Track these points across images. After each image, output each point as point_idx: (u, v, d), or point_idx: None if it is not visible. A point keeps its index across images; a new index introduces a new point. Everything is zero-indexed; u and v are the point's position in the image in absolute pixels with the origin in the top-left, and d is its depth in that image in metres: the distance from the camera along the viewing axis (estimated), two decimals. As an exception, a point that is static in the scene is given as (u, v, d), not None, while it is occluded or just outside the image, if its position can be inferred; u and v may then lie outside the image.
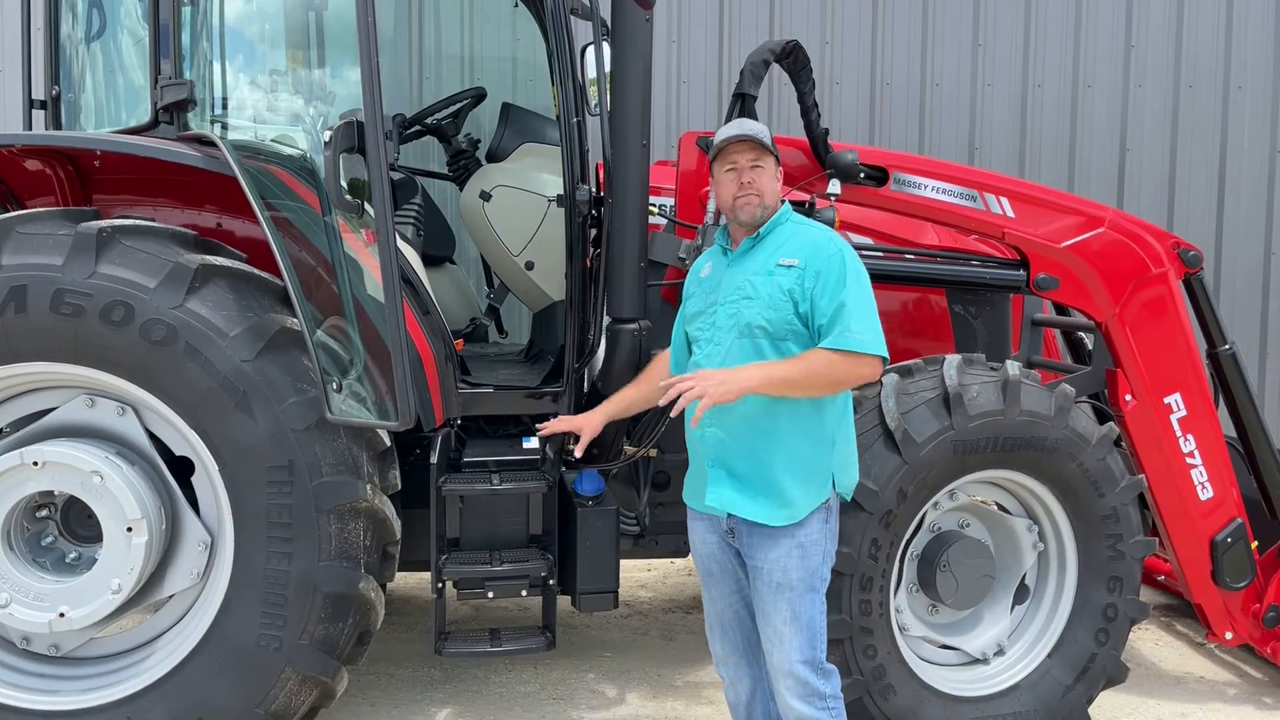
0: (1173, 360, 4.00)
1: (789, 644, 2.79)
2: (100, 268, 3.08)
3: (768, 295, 2.77)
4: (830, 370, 2.70)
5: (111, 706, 3.25)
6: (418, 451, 3.70)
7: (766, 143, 2.87)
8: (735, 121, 2.99)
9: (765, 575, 2.79)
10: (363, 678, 4.18)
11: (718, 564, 2.95)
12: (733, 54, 6.19)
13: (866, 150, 3.97)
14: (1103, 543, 3.68)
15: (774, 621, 2.80)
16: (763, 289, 2.79)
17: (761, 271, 2.82)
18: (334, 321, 3.33)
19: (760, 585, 2.81)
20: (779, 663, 2.82)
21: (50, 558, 3.33)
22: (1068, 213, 4.07)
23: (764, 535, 2.79)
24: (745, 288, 2.82)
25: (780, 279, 2.77)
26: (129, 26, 3.75)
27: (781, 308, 2.75)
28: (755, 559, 2.81)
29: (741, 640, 2.99)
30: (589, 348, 3.72)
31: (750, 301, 2.79)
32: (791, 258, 2.79)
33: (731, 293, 2.85)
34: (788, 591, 2.78)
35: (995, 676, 3.72)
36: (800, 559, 2.78)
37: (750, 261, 2.87)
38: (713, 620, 3.03)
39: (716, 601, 3.00)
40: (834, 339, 2.69)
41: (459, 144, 4.85)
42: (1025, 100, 6.41)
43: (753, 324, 2.78)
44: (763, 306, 2.77)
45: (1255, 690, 4.34)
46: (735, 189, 2.88)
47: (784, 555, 2.77)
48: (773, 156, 2.89)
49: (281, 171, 3.43)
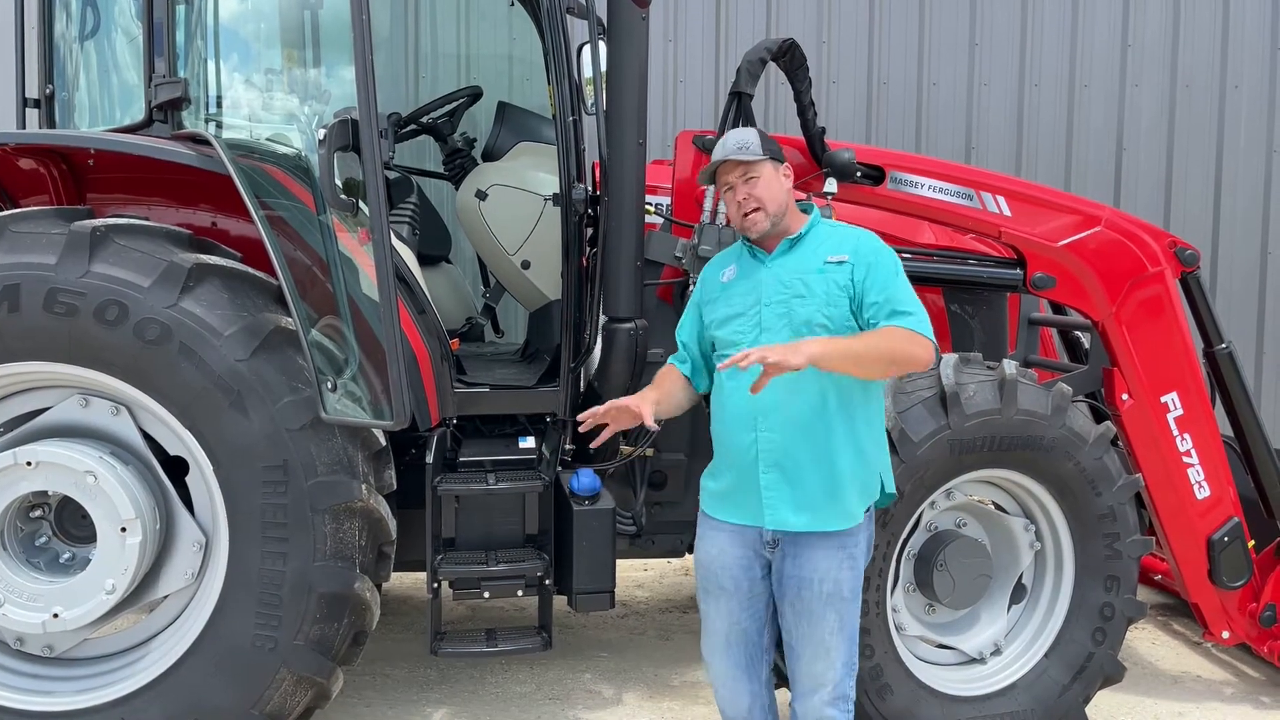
0: (1169, 359, 3.99)
1: (834, 654, 2.77)
2: (94, 267, 3.07)
3: (824, 292, 2.74)
4: (891, 344, 2.65)
5: (106, 707, 3.23)
6: (413, 451, 3.69)
7: (751, 156, 2.81)
8: (721, 140, 2.92)
9: (815, 586, 2.73)
10: (358, 678, 4.17)
11: (732, 579, 2.83)
12: (729, 53, 6.19)
13: (863, 149, 3.97)
14: (1100, 542, 3.67)
15: (820, 632, 2.76)
16: (817, 286, 2.75)
17: (811, 270, 2.78)
18: (329, 321, 3.32)
19: (808, 596, 2.75)
20: (821, 672, 2.78)
21: (44, 558, 3.32)
22: (1064, 212, 4.07)
23: (815, 546, 2.73)
24: (795, 286, 2.77)
25: (834, 275, 2.75)
26: (123, 25, 3.74)
27: (839, 303, 2.73)
28: (803, 570, 2.74)
29: (743, 657, 2.89)
30: (585, 347, 3.72)
31: (804, 300, 2.75)
32: (839, 254, 2.77)
33: (777, 292, 2.78)
34: (838, 602, 2.75)
35: (992, 676, 3.72)
36: (850, 569, 2.76)
37: (793, 261, 2.82)
38: (715, 640, 2.90)
39: (722, 619, 2.87)
40: (893, 319, 2.68)
41: (455, 143, 4.85)
42: (1022, 100, 6.41)
43: (811, 321, 2.73)
44: (820, 303, 2.74)
45: (1252, 689, 4.34)
46: (736, 207, 2.86)
47: (835, 566, 2.74)
48: (767, 161, 2.83)
49: (276, 170, 3.42)
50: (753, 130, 2.93)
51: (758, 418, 2.73)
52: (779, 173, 2.87)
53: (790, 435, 2.72)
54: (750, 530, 2.81)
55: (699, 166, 3.82)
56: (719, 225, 3.69)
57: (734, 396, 2.78)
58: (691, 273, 3.70)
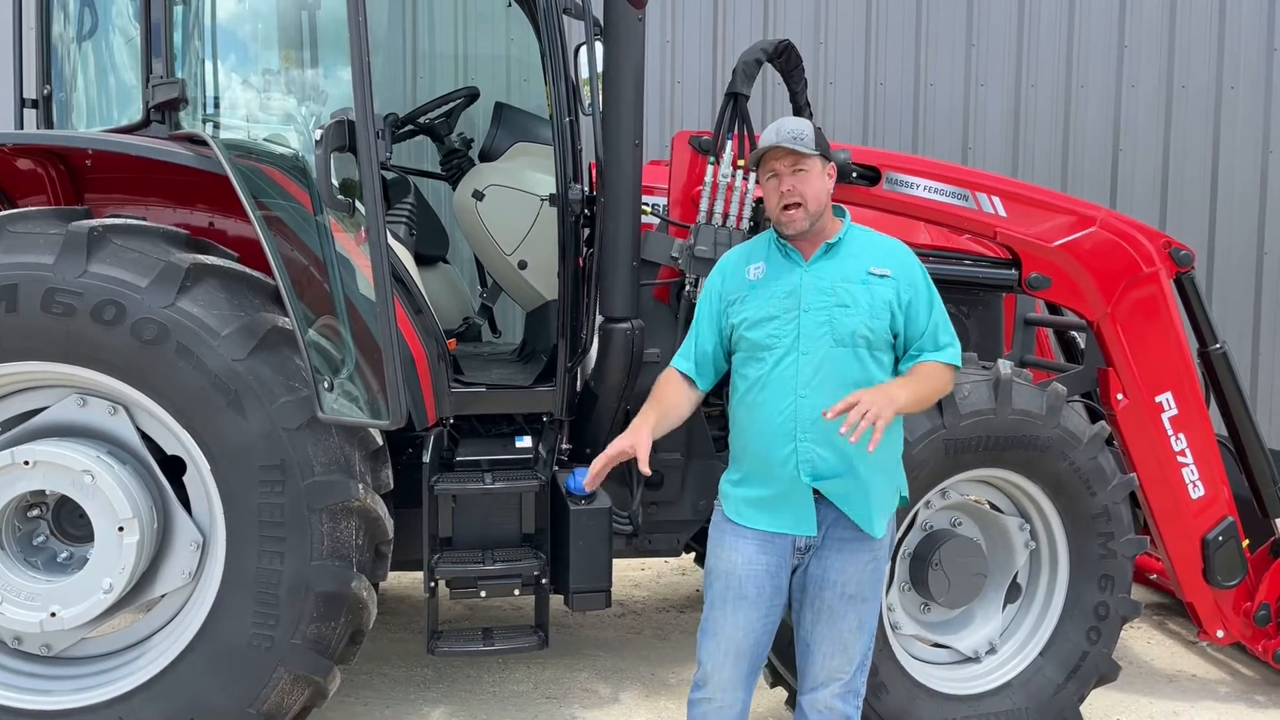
0: (1164, 359, 4.01)
1: (852, 651, 2.81)
2: (91, 267, 3.08)
3: (869, 305, 2.73)
4: (945, 384, 2.81)
5: (103, 706, 3.24)
6: (410, 451, 3.69)
7: (803, 148, 2.74)
8: (775, 125, 2.83)
9: (840, 588, 2.77)
10: (355, 677, 4.18)
11: (756, 587, 2.78)
12: (726, 53, 6.20)
13: (859, 150, 3.97)
14: (1094, 541, 3.68)
15: (840, 630, 2.79)
16: (862, 298, 2.74)
17: (854, 280, 2.76)
18: (326, 321, 3.33)
19: (831, 597, 2.78)
20: (838, 667, 2.81)
21: (41, 557, 3.33)
22: (1059, 212, 4.08)
23: (845, 550, 2.77)
24: (839, 295, 2.74)
25: (878, 289, 2.75)
26: (121, 25, 3.75)
27: (883, 317, 2.74)
28: (828, 572, 2.78)
29: (748, 667, 2.86)
30: (582, 347, 3.72)
31: (848, 310, 2.73)
32: (883, 267, 2.78)
33: (818, 299, 2.74)
34: (860, 604, 2.79)
35: (987, 675, 3.73)
36: (873, 572, 2.80)
37: (833, 269, 2.78)
38: (728, 646, 2.81)
39: (738, 629, 2.80)
40: (941, 354, 2.78)
41: (452, 143, 4.85)
42: (1019, 100, 6.42)
43: (856, 332, 2.72)
44: (865, 316, 2.73)
45: (1247, 688, 4.35)
46: (777, 198, 2.80)
47: (861, 569, 2.77)
48: (818, 157, 2.76)
49: (273, 170, 3.42)
50: (808, 123, 2.85)
51: (798, 430, 2.72)
52: (825, 171, 2.81)
53: (832, 446, 2.70)
54: (783, 538, 2.80)
55: (695, 167, 3.83)
56: (715, 226, 3.69)
57: (766, 409, 2.76)
58: (688, 273, 3.71)
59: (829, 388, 2.68)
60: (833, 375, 2.71)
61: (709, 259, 3.64)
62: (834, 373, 2.71)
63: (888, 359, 2.79)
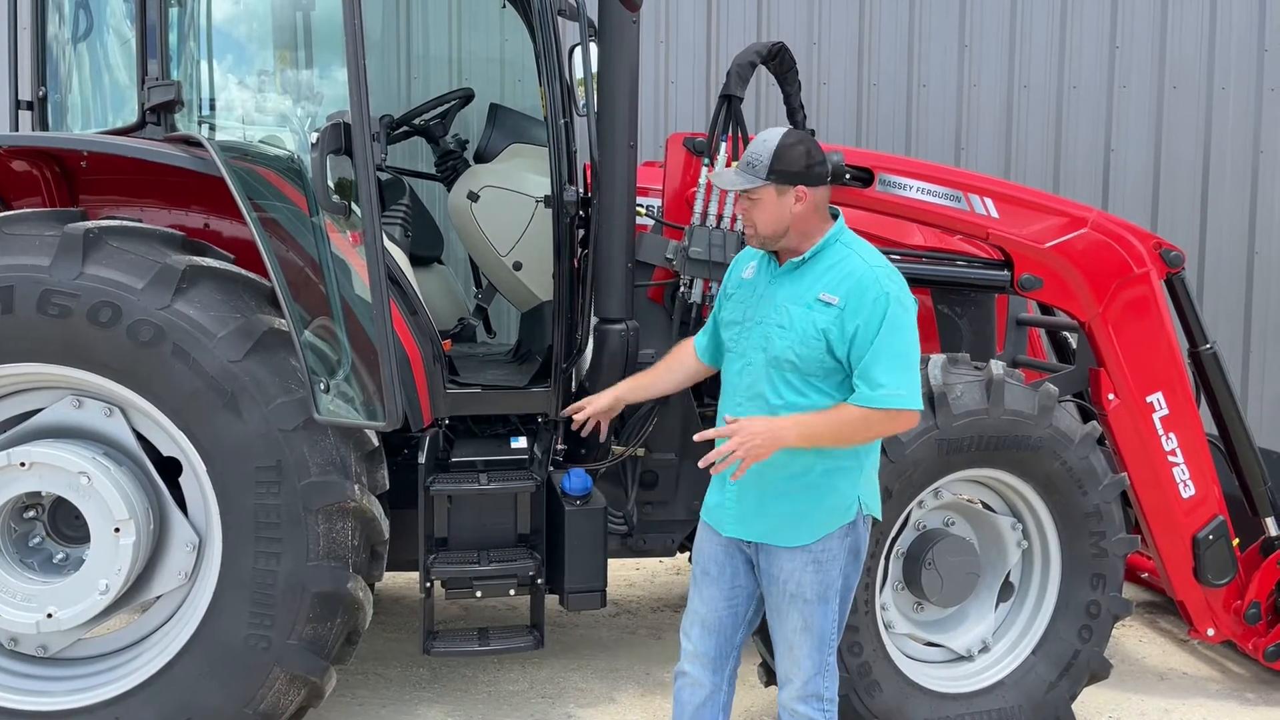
0: (1155, 359, 4.03)
1: (798, 651, 2.81)
2: (87, 268, 3.08)
3: (800, 331, 2.68)
4: (866, 430, 2.68)
5: (100, 707, 3.25)
6: (406, 451, 3.70)
7: (744, 183, 2.70)
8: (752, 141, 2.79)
9: (780, 585, 2.78)
10: (351, 677, 4.18)
11: (717, 565, 2.90)
12: (720, 55, 6.20)
13: (852, 151, 3.99)
14: (1086, 540, 3.71)
15: (785, 630, 2.81)
16: (798, 322, 2.69)
17: (800, 302, 2.71)
18: (321, 322, 3.33)
19: (775, 593, 2.81)
20: (787, 668, 2.83)
21: (38, 558, 3.33)
22: (1051, 213, 4.10)
23: (778, 551, 2.78)
24: (780, 315, 2.72)
25: (817, 316, 2.67)
26: (116, 27, 3.75)
27: (813, 345, 2.66)
28: (770, 569, 2.80)
29: (715, 645, 2.92)
30: (577, 348, 3.74)
31: (783, 332, 2.70)
32: (832, 294, 2.67)
33: (768, 313, 2.75)
34: (800, 603, 2.77)
35: (980, 673, 3.75)
36: (815, 572, 2.76)
37: (792, 285, 2.75)
38: (696, 618, 2.95)
39: (706, 603, 2.92)
40: (867, 397, 2.61)
41: (447, 145, 4.86)
42: (1011, 101, 6.44)
43: (781, 357, 2.70)
44: (794, 341, 2.68)
45: (1238, 686, 4.38)
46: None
47: (799, 568, 2.76)
48: (769, 185, 2.68)
49: (269, 172, 3.43)
50: (774, 142, 2.70)
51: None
52: (783, 195, 2.69)
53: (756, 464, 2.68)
54: None
55: (690, 168, 3.85)
56: (709, 227, 3.71)
57: (721, 410, 2.86)
58: (682, 274, 3.72)
59: (756, 405, 2.73)
60: (761, 393, 2.74)
61: (703, 260, 3.67)
62: (762, 391, 2.74)
63: (827, 385, 2.70)
